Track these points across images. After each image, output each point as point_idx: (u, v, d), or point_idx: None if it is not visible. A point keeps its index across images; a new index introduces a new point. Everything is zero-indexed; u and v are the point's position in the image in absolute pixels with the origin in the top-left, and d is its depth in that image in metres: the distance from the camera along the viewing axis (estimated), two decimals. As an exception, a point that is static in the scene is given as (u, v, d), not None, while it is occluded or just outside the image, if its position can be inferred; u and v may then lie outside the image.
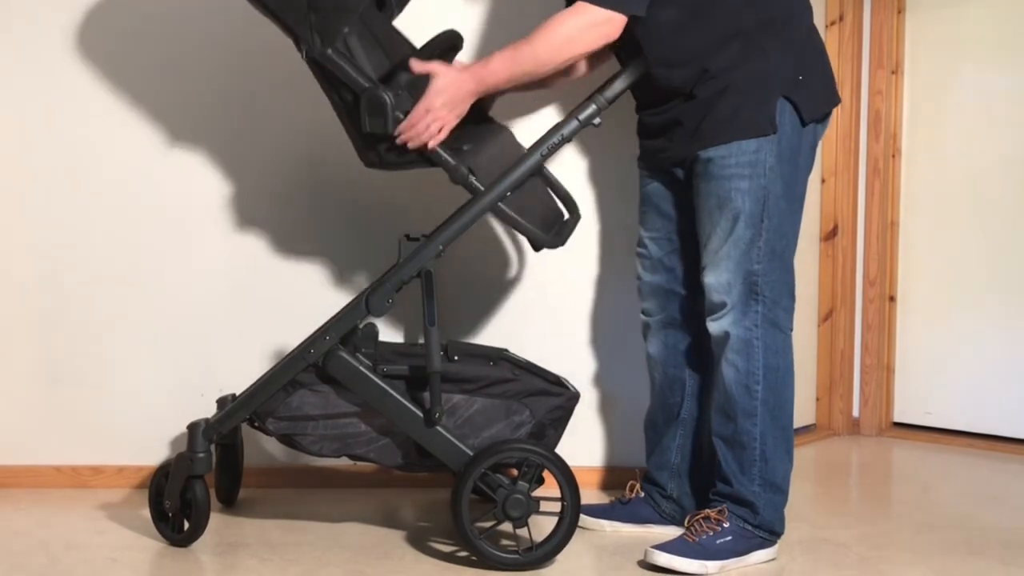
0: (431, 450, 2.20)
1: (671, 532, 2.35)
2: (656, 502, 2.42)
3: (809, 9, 2.24)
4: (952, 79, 3.35)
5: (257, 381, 2.26)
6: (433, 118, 2.09)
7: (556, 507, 2.15)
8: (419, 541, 2.34)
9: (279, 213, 2.73)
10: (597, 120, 2.22)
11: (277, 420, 2.25)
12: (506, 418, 2.27)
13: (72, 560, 2.22)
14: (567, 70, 2.38)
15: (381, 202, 2.72)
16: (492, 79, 2.13)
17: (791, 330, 2.26)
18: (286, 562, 2.20)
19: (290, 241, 2.73)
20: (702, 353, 2.36)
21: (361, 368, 2.20)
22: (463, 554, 2.22)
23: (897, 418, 3.50)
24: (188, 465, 2.24)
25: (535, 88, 2.37)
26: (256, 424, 2.28)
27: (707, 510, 2.24)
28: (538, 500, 2.15)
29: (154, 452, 2.69)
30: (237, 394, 2.31)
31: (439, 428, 2.19)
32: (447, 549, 2.28)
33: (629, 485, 2.47)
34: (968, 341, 3.33)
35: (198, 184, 2.72)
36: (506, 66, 2.12)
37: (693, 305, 2.33)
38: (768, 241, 2.17)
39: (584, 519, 2.40)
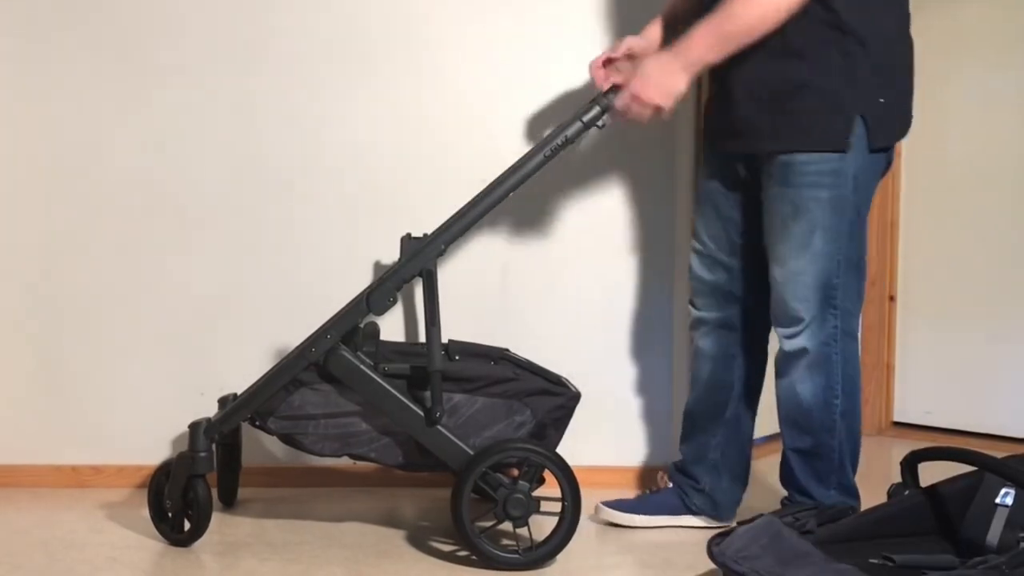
0: (432, 449, 2.20)
1: (700, 523, 2.39)
2: (687, 494, 2.41)
3: (909, 37, 2.18)
4: (952, 79, 3.34)
5: (259, 380, 2.26)
6: (643, 104, 2.12)
7: (557, 507, 2.15)
8: (419, 540, 2.33)
9: (280, 211, 2.73)
10: (601, 122, 2.21)
11: (278, 419, 2.24)
12: (507, 418, 2.26)
13: (71, 560, 2.21)
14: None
15: (383, 200, 2.71)
16: (695, 56, 2.09)
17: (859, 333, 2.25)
18: (286, 561, 2.20)
19: (291, 240, 2.73)
20: (753, 355, 2.36)
21: (362, 367, 2.20)
22: (463, 553, 2.22)
23: (897, 417, 3.49)
24: (190, 464, 2.24)
25: None
26: (257, 423, 2.28)
27: None
28: (538, 500, 2.15)
29: (154, 452, 2.68)
30: (238, 393, 2.31)
31: (440, 427, 2.18)
32: (447, 548, 2.27)
33: (659, 475, 2.47)
34: (968, 341, 3.33)
35: (198, 183, 2.71)
36: (711, 41, 2.07)
37: (750, 307, 2.32)
38: (848, 254, 2.14)
39: (616, 515, 2.41)
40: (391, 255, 2.27)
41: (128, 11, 2.69)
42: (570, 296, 2.76)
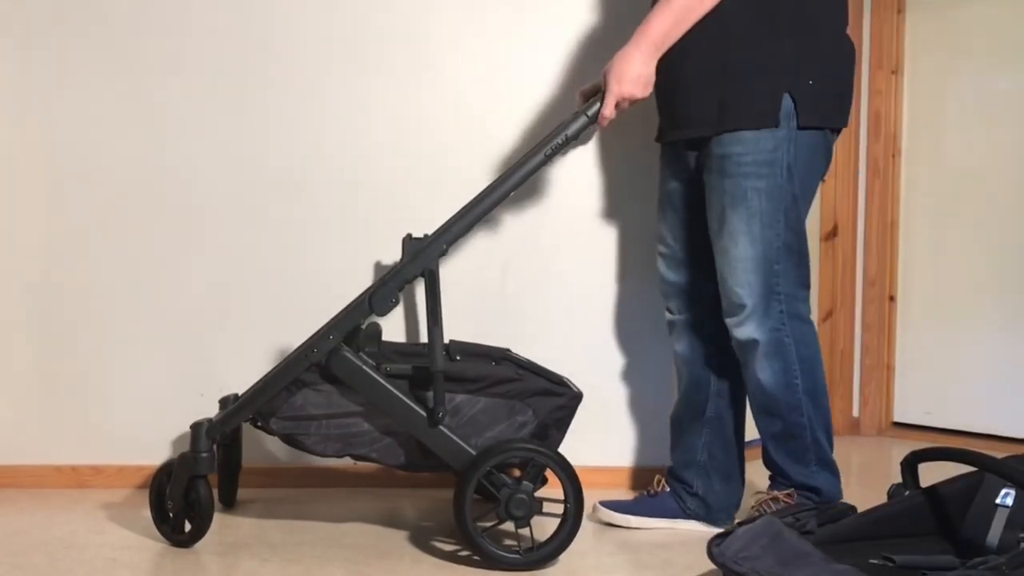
0: (434, 450, 2.20)
1: (696, 527, 2.39)
2: (681, 498, 2.42)
3: (843, 28, 2.22)
4: (952, 79, 3.35)
5: (260, 380, 2.26)
6: (624, 99, 2.16)
7: (559, 508, 2.15)
8: (420, 541, 2.33)
9: (281, 212, 2.73)
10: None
11: (280, 420, 2.24)
12: (509, 418, 2.26)
13: (72, 560, 2.21)
14: None
15: (384, 201, 2.71)
16: (657, 35, 2.13)
17: (811, 317, 2.28)
18: (287, 562, 2.20)
19: (292, 240, 2.73)
20: (727, 352, 2.35)
21: (364, 367, 2.20)
22: (465, 554, 2.22)
23: (897, 418, 3.50)
24: (191, 465, 2.23)
25: None
26: (259, 424, 2.27)
27: (774, 492, 2.26)
28: (541, 500, 2.15)
29: (155, 452, 2.68)
30: (239, 394, 2.31)
31: (442, 428, 2.18)
32: (448, 548, 2.27)
33: (656, 479, 2.47)
34: (968, 341, 3.34)
35: (198, 183, 2.72)
36: (667, 20, 2.12)
37: (717, 305, 2.32)
38: (786, 240, 2.19)
39: (612, 515, 2.43)
40: (391, 255, 2.27)
41: (128, 11, 2.69)
42: (570, 296, 2.76)
